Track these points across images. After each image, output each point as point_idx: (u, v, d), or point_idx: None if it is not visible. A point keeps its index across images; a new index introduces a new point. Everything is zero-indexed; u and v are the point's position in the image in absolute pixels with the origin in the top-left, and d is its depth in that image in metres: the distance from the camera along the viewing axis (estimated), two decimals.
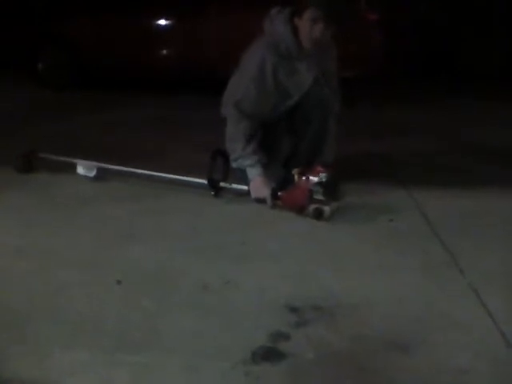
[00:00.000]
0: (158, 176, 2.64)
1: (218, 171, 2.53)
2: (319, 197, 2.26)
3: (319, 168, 2.27)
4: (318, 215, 2.25)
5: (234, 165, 2.50)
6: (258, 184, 2.41)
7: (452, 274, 1.85)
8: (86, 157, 2.80)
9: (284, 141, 2.64)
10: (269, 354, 1.42)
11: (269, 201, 2.36)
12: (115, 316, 1.60)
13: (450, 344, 1.47)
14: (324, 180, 2.24)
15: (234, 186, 2.51)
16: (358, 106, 3.87)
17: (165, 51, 5.28)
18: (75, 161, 2.77)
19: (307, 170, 2.29)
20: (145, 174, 2.67)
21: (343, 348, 1.45)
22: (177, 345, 1.47)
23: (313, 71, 2.44)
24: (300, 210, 2.29)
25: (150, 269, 1.88)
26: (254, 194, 2.42)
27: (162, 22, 5.16)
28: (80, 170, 2.75)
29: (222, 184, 2.52)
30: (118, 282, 1.77)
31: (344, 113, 2.62)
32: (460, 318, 1.58)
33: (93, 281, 1.80)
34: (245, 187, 2.46)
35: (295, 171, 2.34)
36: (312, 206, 2.26)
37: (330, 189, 2.26)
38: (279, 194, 2.34)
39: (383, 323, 1.56)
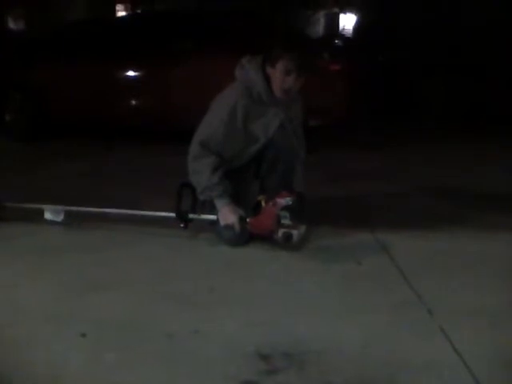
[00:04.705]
0: (125, 214, 2.65)
1: (186, 203, 2.53)
2: (287, 221, 2.29)
3: (285, 193, 2.33)
4: (287, 239, 2.29)
5: (200, 197, 2.50)
6: (226, 212, 2.42)
7: (420, 314, 1.86)
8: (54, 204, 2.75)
9: (252, 187, 2.67)
10: None
11: (237, 226, 2.38)
12: (78, 370, 1.55)
13: None
14: (290, 203, 2.28)
15: (203, 216, 2.52)
16: (319, 152, 3.95)
17: (133, 101, 5.32)
18: (42, 206, 2.72)
19: (273, 195, 2.35)
20: (113, 213, 2.66)
21: None
22: None
23: (279, 116, 2.50)
24: (269, 235, 2.33)
25: (115, 319, 1.83)
26: (222, 222, 2.43)
27: (131, 71, 5.22)
28: (47, 215, 2.71)
29: (190, 215, 2.53)
30: (83, 335, 1.72)
31: (307, 159, 2.67)
32: (429, 360, 1.58)
33: (56, 334, 1.75)
34: (214, 216, 2.47)
35: (261, 197, 2.39)
36: (281, 231, 2.30)
37: (297, 212, 2.31)
38: (247, 220, 2.37)
39: (351, 368, 1.55)
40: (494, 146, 4.46)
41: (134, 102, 5.30)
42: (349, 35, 7.11)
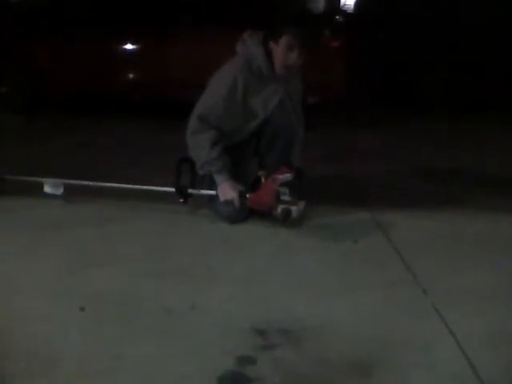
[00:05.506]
0: (125, 188, 2.65)
1: (186, 179, 2.54)
2: (286, 197, 2.31)
3: (284, 169, 2.34)
4: (286, 215, 2.30)
5: (200, 172, 2.50)
6: (225, 187, 2.43)
7: (415, 293, 1.88)
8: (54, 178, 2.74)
9: (251, 164, 2.66)
10: (235, 379, 1.41)
11: (236, 202, 2.39)
12: (77, 344, 1.56)
13: (413, 364, 1.48)
14: (290, 179, 2.30)
15: (203, 191, 2.53)
16: (318, 130, 3.93)
17: (133, 76, 5.27)
18: (41, 180, 2.72)
19: (273, 171, 2.36)
20: (112, 188, 2.66)
21: (308, 371, 1.45)
22: (141, 372, 1.44)
23: (279, 93, 2.49)
24: (268, 211, 2.34)
25: (113, 294, 1.84)
26: (222, 197, 2.44)
27: (128, 45, 5.16)
28: (47, 188, 2.70)
29: (190, 191, 2.53)
30: (81, 309, 1.74)
31: (307, 137, 2.66)
32: (422, 338, 1.60)
33: (55, 309, 1.76)
34: (213, 192, 2.47)
35: (261, 173, 2.40)
36: (280, 207, 2.31)
37: (296, 188, 2.32)
38: (247, 195, 2.38)
39: (347, 345, 1.57)
40: (493, 130, 4.44)
41: (133, 77, 5.26)
42: (350, 11, 6.99)
